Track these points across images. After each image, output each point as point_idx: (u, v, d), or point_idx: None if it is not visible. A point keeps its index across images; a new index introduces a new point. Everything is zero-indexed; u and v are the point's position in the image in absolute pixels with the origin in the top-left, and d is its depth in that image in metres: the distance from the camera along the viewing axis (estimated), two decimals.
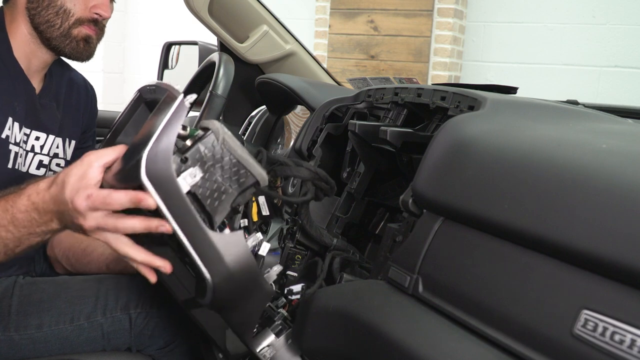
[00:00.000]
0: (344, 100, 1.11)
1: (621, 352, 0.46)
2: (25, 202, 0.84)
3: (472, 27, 3.93)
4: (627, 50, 3.48)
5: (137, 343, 1.13)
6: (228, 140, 0.75)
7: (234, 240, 0.75)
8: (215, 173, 0.75)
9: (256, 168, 0.77)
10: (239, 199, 0.78)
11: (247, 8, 1.68)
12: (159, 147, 0.69)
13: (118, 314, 1.10)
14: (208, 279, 0.74)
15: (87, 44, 1.14)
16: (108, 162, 0.78)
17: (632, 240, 0.48)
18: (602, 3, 3.51)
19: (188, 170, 0.72)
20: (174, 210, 0.71)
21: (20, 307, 1.08)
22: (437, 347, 0.60)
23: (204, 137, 0.74)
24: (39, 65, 1.16)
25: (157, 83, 0.79)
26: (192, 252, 0.73)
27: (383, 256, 0.82)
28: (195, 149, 0.73)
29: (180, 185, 0.71)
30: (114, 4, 1.20)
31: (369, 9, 3.90)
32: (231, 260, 0.74)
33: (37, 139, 1.14)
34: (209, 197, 0.74)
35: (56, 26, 1.10)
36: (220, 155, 0.75)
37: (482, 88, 1.00)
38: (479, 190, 0.64)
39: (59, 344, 1.08)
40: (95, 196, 0.75)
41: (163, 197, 0.70)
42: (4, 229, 0.85)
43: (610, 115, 0.91)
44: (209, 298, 0.75)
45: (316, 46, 4.10)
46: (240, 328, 0.85)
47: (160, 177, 0.69)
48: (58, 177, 0.81)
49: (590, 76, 3.58)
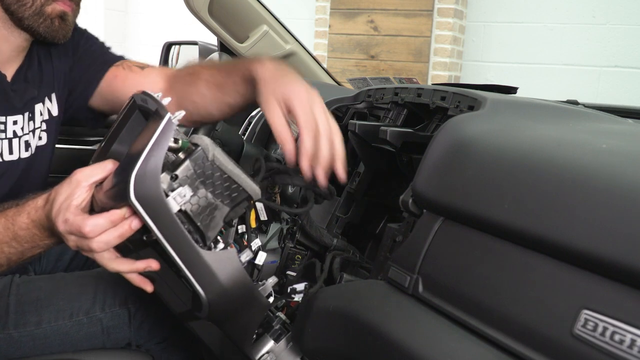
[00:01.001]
0: (344, 100, 1.12)
1: (621, 352, 0.46)
2: (26, 220, 0.85)
3: (472, 27, 3.93)
4: (627, 50, 3.48)
5: (137, 337, 1.13)
6: (218, 156, 0.75)
7: (226, 257, 0.76)
8: (206, 189, 0.74)
9: (248, 183, 0.77)
10: (232, 214, 0.77)
11: (247, 8, 1.68)
12: (147, 167, 0.69)
13: (117, 308, 1.10)
14: (202, 296, 0.74)
15: (62, 21, 1.08)
16: (97, 180, 0.78)
17: (632, 240, 0.48)
18: (602, 3, 3.51)
19: (177, 190, 0.72)
20: (164, 231, 0.71)
21: (18, 305, 1.08)
22: (437, 347, 0.60)
23: (193, 154, 0.74)
24: (13, 50, 1.10)
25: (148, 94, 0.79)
26: (185, 271, 0.73)
27: (383, 256, 0.82)
28: (185, 166, 0.73)
29: (170, 205, 0.71)
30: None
31: (369, 9, 3.90)
32: (224, 278, 0.75)
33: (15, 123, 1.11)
34: (200, 214, 0.74)
35: (27, 4, 1.04)
36: (210, 171, 0.74)
37: (482, 88, 1.00)
38: (479, 190, 0.64)
39: (58, 340, 1.08)
40: (71, 222, 0.76)
41: (153, 218, 0.70)
42: (7, 245, 0.86)
43: (610, 115, 0.91)
44: (205, 312, 0.76)
45: (316, 46, 4.10)
46: (238, 338, 0.85)
47: (149, 198, 0.69)
48: (51, 194, 0.82)
49: (590, 76, 3.58)
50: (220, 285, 0.75)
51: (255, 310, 0.82)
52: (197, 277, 0.74)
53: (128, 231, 0.75)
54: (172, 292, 0.85)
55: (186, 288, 0.81)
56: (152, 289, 0.84)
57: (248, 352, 0.86)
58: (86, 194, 0.78)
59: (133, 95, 0.84)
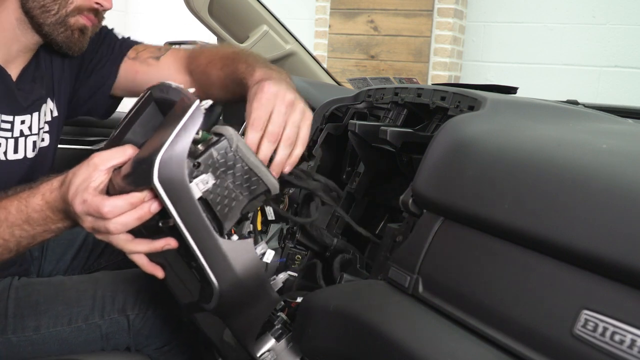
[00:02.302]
0: (344, 100, 1.11)
1: (621, 352, 0.46)
2: (40, 202, 0.83)
3: (472, 27, 3.93)
4: (627, 50, 3.48)
5: (136, 343, 1.13)
6: (241, 147, 0.75)
7: (243, 247, 0.75)
8: (226, 179, 0.74)
9: (268, 176, 0.77)
10: (249, 207, 0.77)
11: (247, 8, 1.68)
12: (173, 151, 0.69)
13: (116, 315, 1.10)
14: (215, 285, 0.73)
15: (82, 34, 1.08)
16: (115, 164, 0.78)
17: (632, 240, 0.48)
18: (602, 3, 3.51)
19: (201, 177, 0.72)
20: (184, 216, 0.71)
21: (17, 309, 1.07)
22: (437, 347, 0.60)
23: (217, 143, 0.74)
24: (21, 50, 1.10)
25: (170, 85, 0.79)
26: (201, 258, 0.72)
27: (383, 256, 0.82)
28: (208, 155, 0.73)
29: (192, 191, 0.71)
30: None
31: (369, 9, 3.90)
32: (240, 268, 0.74)
33: (22, 122, 1.11)
34: (219, 204, 0.74)
35: (52, 12, 1.04)
36: (232, 162, 0.75)
37: (482, 88, 1.00)
38: (479, 190, 0.64)
39: (57, 345, 1.08)
40: (89, 202, 0.75)
41: (174, 202, 0.70)
42: (19, 228, 0.85)
43: (610, 115, 0.91)
44: (213, 303, 0.75)
45: (316, 46, 4.10)
46: (242, 334, 0.84)
47: (172, 182, 0.69)
48: (67, 176, 0.81)
49: (590, 76, 3.58)
50: (234, 276, 0.74)
51: (264, 304, 0.81)
52: (212, 266, 0.73)
53: (147, 214, 0.74)
54: (181, 282, 0.84)
55: (195, 279, 0.81)
56: (163, 275, 0.83)
57: (250, 348, 0.86)
58: (104, 177, 0.77)
59: (150, 88, 0.84)
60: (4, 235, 0.85)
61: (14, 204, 0.85)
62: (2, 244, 0.86)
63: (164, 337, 1.14)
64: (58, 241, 1.35)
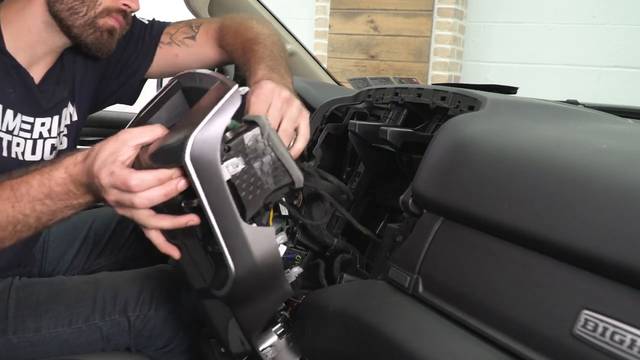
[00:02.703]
0: (344, 100, 1.12)
1: (621, 352, 0.46)
2: (63, 175, 0.82)
3: (472, 27, 3.93)
4: (627, 50, 3.48)
5: (136, 343, 1.13)
6: (272, 137, 0.76)
7: (265, 234, 0.75)
8: (255, 167, 0.75)
9: (295, 169, 0.77)
10: (271, 197, 0.78)
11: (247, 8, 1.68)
12: (208, 131, 0.69)
13: (116, 317, 1.10)
14: (232, 270, 0.73)
15: (110, 35, 1.09)
16: (143, 142, 0.77)
17: (632, 240, 0.48)
18: (602, 3, 3.51)
19: (231, 160, 0.73)
20: (210, 196, 0.71)
21: (18, 310, 1.07)
22: (437, 347, 0.60)
23: (249, 130, 0.75)
24: (46, 52, 1.10)
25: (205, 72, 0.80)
26: (221, 241, 0.72)
27: (383, 256, 0.82)
28: (239, 140, 0.74)
29: (222, 173, 0.71)
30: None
31: (369, 9, 3.90)
32: (258, 255, 0.74)
33: (42, 125, 1.11)
34: (245, 190, 0.74)
35: (80, 14, 1.03)
36: (262, 150, 0.75)
37: (482, 88, 1.00)
38: (479, 190, 0.64)
39: (57, 346, 1.08)
40: (117, 174, 0.75)
41: (202, 182, 0.70)
42: (40, 203, 0.84)
43: (610, 115, 0.91)
44: (226, 290, 0.75)
45: (316, 46, 4.10)
46: (249, 325, 0.84)
47: (204, 161, 0.70)
48: (94, 149, 0.80)
49: (590, 76, 3.58)
50: (252, 262, 0.74)
51: (276, 295, 0.81)
52: (231, 250, 0.73)
53: (174, 191, 0.74)
54: (195, 266, 0.84)
55: (210, 264, 0.80)
56: (179, 256, 0.83)
57: (254, 341, 0.86)
58: (132, 153, 0.77)
59: (177, 77, 0.85)
60: (25, 210, 0.84)
61: (35, 177, 0.84)
62: (22, 219, 0.85)
63: (164, 338, 1.14)
64: (59, 241, 1.35)
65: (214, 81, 0.77)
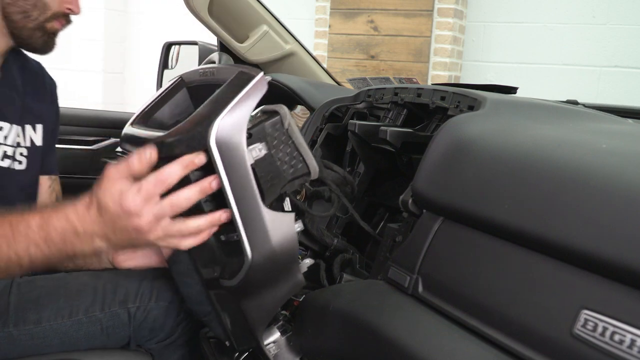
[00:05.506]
0: (344, 100, 1.12)
1: (621, 352, 0.46)
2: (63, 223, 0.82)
3: (472, 27, 3.92)
4: (627, 50, 3.48)
5: (137, 337, 1.13)
6: (293, 127, 0.76)
7: (285, 220, 0.76)
8: (275, 155, 0.76)
9: (311, 160, 0.78)
10: (287, 186, 0.78)
11: (247, 8, 1.68)
12: (235, 115, 0.70)
13: (116, 308, 1.10)
14: (248, 256, 0.73)
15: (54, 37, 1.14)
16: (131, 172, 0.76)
17: (632, 240, 0.48)
18: (602, 3, 3.51)
19: (256, 144, 0.74)
20: (233, 180, 0.71)
21: (19, 304, 1.08)
22: (437, 347, 0.60)
23: (270, 119, 0.76)
24: None
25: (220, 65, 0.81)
26: (240, 226, 0.73)
27: (383, 256, 0.82)
28: (261, 128, 0.75)
29: (246, 157, 0.72)
30: None
31: (369, 9, 3.89)
32: (277, 240, 0.75)
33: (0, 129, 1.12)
34: (264, 177, 0.75)
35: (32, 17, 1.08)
36: (282, 139, 0.76)
37: (482, 88, 1.00)
38: (479, 190, 0.64)
39: (58, 339, 1.08)
40: (145, 184, 0.74)
41: (225, 165, 0.71)
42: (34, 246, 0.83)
43: (610, 115, 0.91)
44: (238, 279, 0.75)
45: (316, 46, 4.10)
46: (256, 317, 0.84)
47: (228, 145, 0.70)
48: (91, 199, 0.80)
49: (590, 76, 3.58)
50: (270, 247, 0.74)
51: (288, 285, 0.81)
52: (249, 235, 0.73)
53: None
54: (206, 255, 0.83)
55: (221, 253, 0.81)
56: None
57: (259, 335, 0.85)
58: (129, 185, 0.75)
59: (182, 74, 0.86)
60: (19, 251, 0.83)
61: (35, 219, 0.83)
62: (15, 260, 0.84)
63: (165, 330, 1.14)
64: None
65: (232, 71, 0.78)
